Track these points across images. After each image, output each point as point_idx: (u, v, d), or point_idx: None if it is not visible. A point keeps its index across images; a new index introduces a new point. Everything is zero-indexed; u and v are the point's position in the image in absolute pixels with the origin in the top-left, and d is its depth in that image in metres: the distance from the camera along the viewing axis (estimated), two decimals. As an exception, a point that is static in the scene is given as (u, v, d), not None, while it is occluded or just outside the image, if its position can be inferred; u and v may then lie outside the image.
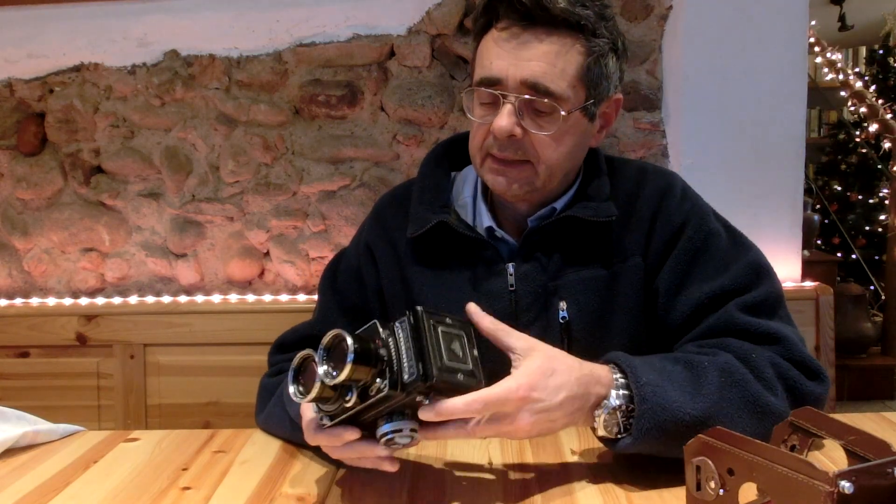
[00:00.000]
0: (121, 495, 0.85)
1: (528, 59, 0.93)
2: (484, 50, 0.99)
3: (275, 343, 1.16)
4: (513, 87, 0.94)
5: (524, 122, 0.95)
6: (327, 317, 1.11)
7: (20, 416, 1.06)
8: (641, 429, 0.79)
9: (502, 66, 0.94)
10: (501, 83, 0.95)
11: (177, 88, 1.78)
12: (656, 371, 0.84)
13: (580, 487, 0.82)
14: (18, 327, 1.70)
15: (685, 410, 0.80)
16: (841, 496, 0.55)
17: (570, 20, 0.93)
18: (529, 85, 0.94)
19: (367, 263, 1.13)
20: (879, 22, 4.36)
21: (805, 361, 0.90)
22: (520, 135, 0.95)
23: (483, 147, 1.00)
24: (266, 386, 1.09)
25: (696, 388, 0.83)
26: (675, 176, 1.09)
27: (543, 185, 1.00)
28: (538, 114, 0.96)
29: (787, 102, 1.68)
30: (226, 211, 1.82)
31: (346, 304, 1.12)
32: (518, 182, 0.99)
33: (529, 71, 0.93)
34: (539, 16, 0.93)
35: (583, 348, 1.01)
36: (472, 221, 1.08)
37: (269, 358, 1.16)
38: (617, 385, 0.82)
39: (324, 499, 0.83)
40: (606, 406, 0.81)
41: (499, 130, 0.94)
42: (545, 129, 0.96)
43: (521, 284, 1.02)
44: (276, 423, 1.00)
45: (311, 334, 1.10)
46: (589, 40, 0.95)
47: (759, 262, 1.00)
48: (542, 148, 0.97)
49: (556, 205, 1.04)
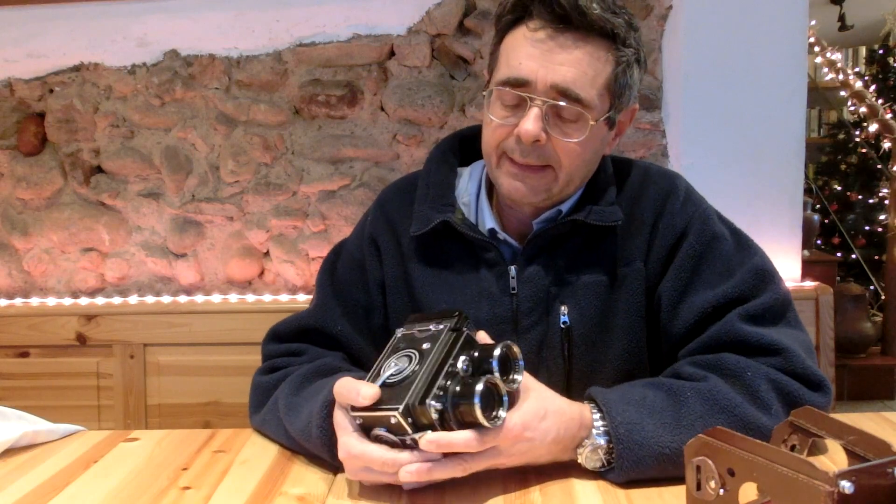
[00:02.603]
0: (121, 495, 0.85)
1: (560, 64, 0.91)
2: (511, 48, 0.95)
3: (269, 332, 1.12)
4: (542, 91, 0.91)
5: (549, 128, 0.93)
6: (326, 309, 1.08)
7: (20, 416, 1.05)
8: (622, 466, 0.81)
9: (532, 68, 0.91)
10: (529, 85, 0.92)
11: (177, 88, 1.78)
12: (634, 404, 0.84)
13: (580, 487, 0.82)
14: (18, 327, 1.70)
15: (664, 444, 0.81)
16: (841, 496, 0.55)
17: (604, 27, 0.91)
18: (560, 90, 0.91)
19: (371, 255, 1.10)
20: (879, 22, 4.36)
21: (806, 373, 0.89)
22: (544, 141, 0.92)
23: (500, 148, 0.96)
24: (260, 385, 1.05)
25: (676, 419, 0.83)
26: (679, 178, 1.07)
27: (560, 191, 0.98)
28: (564, 120, 0.93)
29: (787, 102, 1.68)
30: (226, 211, 1.82)
31: (345, 296, 1.09)
32: (536, 189, 0.97)
33: (561, 76, 0.91)
34: (576, 20, 0.90)
35: (583, 353, 1.01)
36: (475, 221, 1.06)
37: (264, 347, 1.12)
38: (596, 428, 0.83)
39: (324, 499, 0.82)
40: (586, 446, 0.83)
41: (526, 135, 0.91)
42: (571, 137, 0.93)
43: (522, 287, 1.01)
44: (273, 431, 0.99)
45: (308, 326, 1.08)
46: (619, 49, 0.93)
47: (764, 266, 0.97)
48: (565, 155, 0.94)
49: (561, 207, 1.02)
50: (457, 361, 0.78)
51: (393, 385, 0.77)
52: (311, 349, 1.06)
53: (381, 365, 0.81)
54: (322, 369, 0.98)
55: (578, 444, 0.83)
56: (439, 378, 0.76)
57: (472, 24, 1.73)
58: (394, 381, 0.77)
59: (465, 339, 0.81)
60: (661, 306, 1.00)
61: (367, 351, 1.06)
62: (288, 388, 0.97)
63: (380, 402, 0.76)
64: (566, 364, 1.01)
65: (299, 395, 0.95)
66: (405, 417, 0.74)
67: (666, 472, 0.81)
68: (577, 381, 1.01)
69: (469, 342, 0.81)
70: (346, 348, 1.07)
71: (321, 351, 1.06)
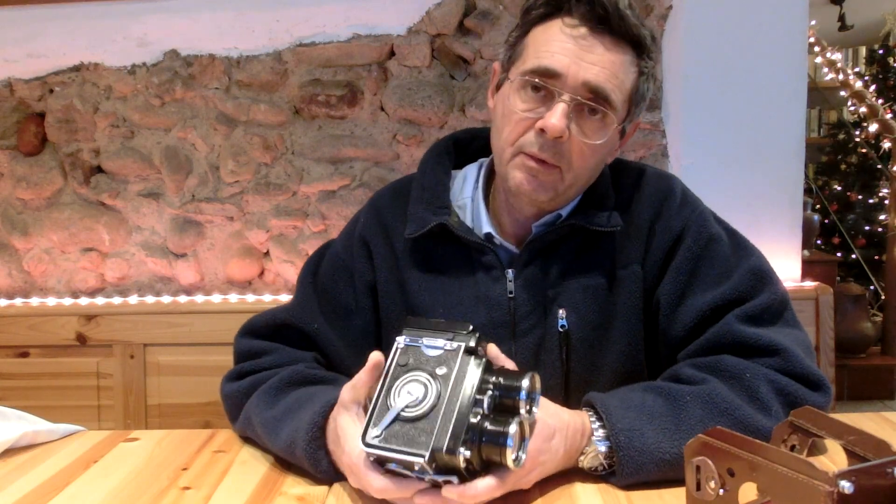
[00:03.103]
0: (121, 495, 0.85)
1: (594, 63, 0.90)
2: (543, 39, 0.93)
3: (244, 326, 1.10)
4: (571, 87, 0.90)
5: (571, 126, 0.91)
6: (304, 307, 1.06)
7: (20, 416, 1.05)
8: (623, 472, 0.81)
9: (565, 62, 0.90)
10: (559, 78, 0.90)
11: (177, 88, 1.78)
12: (634, 409, 0.84)
13: (580, 487, 0.82)
14: (18, 327, 1.70)
15: (664, 450, 0.81)
16: (841, 496, 0.55)
17: (638, 35, 0.92)
18: (591, 88, 0.90)
19: (361, 257, 1.07)
20: (879, 22, 4.36)
21: (805, 372, 0.88)
22: (566, 138, 0.91)
23: (518, 143, 0.94)
24: (231, 395, 1.02)
25: (676, 424, 0.83)
26: (675, 179, 1.06)
27: (564, 192, 0.97)
28: (587, 120, 0.92)
29: (787, 102, 1.68)
30: (226, 211, 1.82)
31: (325, 298, 1.07)
32: (545, 186, 0.95)
33: (594, 74, 0.90)
34: (615, 23, 0.90)
35: (581, 357, 1.00)
36: (471, 224, 1.04)
37: (236, 340, 1.08)
38: (596, 434, 0.84)
39: (324, 499, 0.82)
40: (587, 453, 0.83)
41: (552, 129, 0.89)
42: (592, 138, 0.92)
43: (520, 291, 1.00)
44: (255, 438, 0.97)
45: (284, 322, 1.05)
46: (643, 60, 0.94)
47: (761, 267, 0.97)
48: (578, 156, 0.93)
49: (561, 211, 1.02)
50: (482, 396, 0.73)
51: (411, 420, 0.71)
52: (280, 349, 1.04)
53: (390, 385, 0.75)
54: (294, 378, 0.97)
55: (581, 451, 0.84)
56: (466, 419, 0.71)
57: (473, 24, 1.73)
58: (411, 415, 0.71)
59: (484, 364, 0.75)
60: (660, 309, 0.99)
61: (341, 352, 1.04)
62: (260, 402, 0.95)
63: (396, 440, 0.71)
64: (564, 367, 1.00)
65: (274, 408, 0.93)
66: (430, 463, 0.69)
67: (666, 476, 0.81)
68: (574, 384, 1.01)
69: (488, 367, 0.77)
70: (320, 348, 1.05)
71: (291, 351, 1.04)
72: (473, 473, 0.73)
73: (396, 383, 0.74)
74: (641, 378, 1.00)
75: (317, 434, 0.84)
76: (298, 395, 0.92)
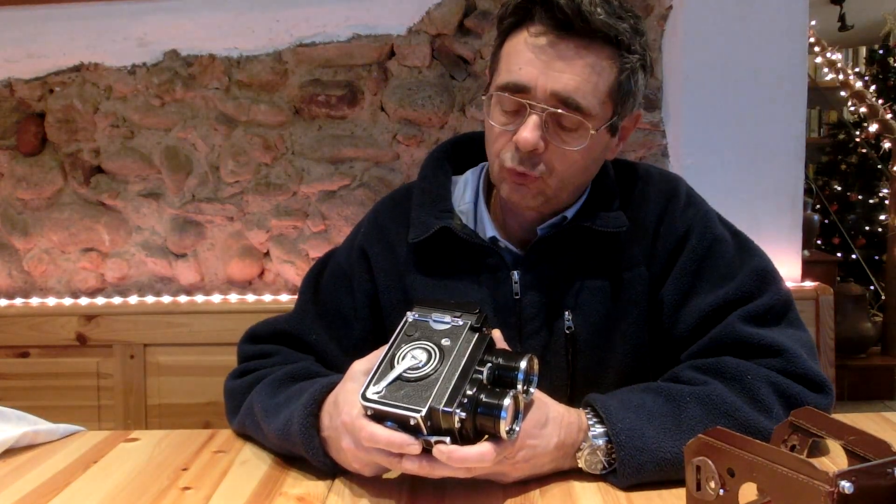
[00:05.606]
0: (121, 495, 0.85)
1: (562, 71, 0.88)
2: (512, 52, 0.92)
3: (247, 333, 1.11)
4: (541, 98, 0.89)
5: (548, 135, 0.91)
6: (304, 318, 1.07)
7: (20, 416, 1.05)
8: (623, 472, 0.81)
9: (532, 74, 0.89)
10: (529, 92, 0.90)
11: (177, 88, 1.78)
12: (634, 409, 0.84)
13: (580, 487, 0.82)
14: (18, 327, 1.70)
15: (665, 449, 0.81)
16: (841, 496, 0.55)
17: (608, 34, 0.89)
18: (560, 98, 0.89)
19: (360, 268, 1.07)
20: (879, 22, 4.36)
21: (807, 374, 0.88)
22: (542, 150, 0.90)
23: (500, 157, 0.95)
24: (233, 390, 1.03)
25: (677, 424, 0.83)
26: (680, 181, 1.06)
27: (555, 194, 0.96)
28: (563, 128, 0.91)
29: (787, 102, 1.68)
30: (226, 211, 1.82)
31: (325, 308, 1.08)
32: (532, 194, 0.95)
33: (562, 84, 0.88)
34: (579, 27, 0.88)
35: (587, 358, 1.00)
36: (474, 228, 1.04)
37: (239, 346, 1.10)
38: (593, 430, 0.84)
39: (324, 499, 0.83)
40: (584, 449, 0.83)
41: (523, 143, 0.89)
42: (570, 145, 0.91)
43: (526, 293, 1.00)
44: (253, 433, 0.98)
45: (285, 331, 1.07)
46: (623, 56, 0.91)
47: (765, 267, 0.97)
48: (560, 161, 0.92)
49: (566, 213, 1.01)
50: (482, 368, 0.76)
51: (412, 381, 0.74)
52: (284, 351, 1.05)
53: (395, 352, 0.77)
54: (299, 373, 0.97)
55: (578, 448, 0.84)
56: (464, 384, 0.73)
57: (473, 24, 1.73)
58: (412, 376, 0.74)
59: (487, 342, 0.79)
60: (664, 310, 0.99)
61: (340, 361, 1.04)
62: (264, 390, 0.96)
63: (395, 397, 0.73)
64: (570, 369, 1.00)
65: (276, 397, 0.94)
66: (426, 421, 0.72)
67: (667, 477, 0.81)
68: (580, 385, 1.00)
69: (490, 346, 0.80)
70: (319, 356, 1.06)
71: (295, 354, 1.05)
72: (466, 441, 0.74)
73: (402, 349, 0.77)
74: (647, 379, 0.99)
75: (314, 410, 0.85)
76: (302, 385, 0.93)
